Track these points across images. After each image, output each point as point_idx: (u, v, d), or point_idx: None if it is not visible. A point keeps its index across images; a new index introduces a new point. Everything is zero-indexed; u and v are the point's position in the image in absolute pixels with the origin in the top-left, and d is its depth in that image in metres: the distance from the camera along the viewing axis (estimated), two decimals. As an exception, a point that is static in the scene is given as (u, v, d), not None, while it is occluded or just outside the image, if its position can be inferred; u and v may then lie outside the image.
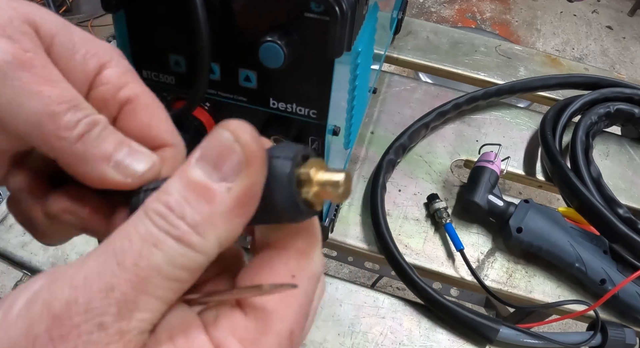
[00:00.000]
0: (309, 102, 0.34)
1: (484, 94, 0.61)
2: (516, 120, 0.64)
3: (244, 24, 0.31)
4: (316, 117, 0.35)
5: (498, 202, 0.50)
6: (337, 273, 1.37)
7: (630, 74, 2.10)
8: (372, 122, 0.62)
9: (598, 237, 0.49)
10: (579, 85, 0.64)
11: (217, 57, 0.34)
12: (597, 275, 0.47)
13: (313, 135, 0.36)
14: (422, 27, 0.75)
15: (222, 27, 0.31)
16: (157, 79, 0.37)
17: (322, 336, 0.45)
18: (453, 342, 0.46)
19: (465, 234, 0.53)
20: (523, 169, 0.60)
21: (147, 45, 0.35)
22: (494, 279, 0.50)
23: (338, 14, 0.28)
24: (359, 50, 0.36)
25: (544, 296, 0.49)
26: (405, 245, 0.51)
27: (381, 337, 0.46)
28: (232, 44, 0.32)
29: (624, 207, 0.50)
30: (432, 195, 0.53)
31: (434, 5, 2.35)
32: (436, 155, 0.59)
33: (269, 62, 0.29)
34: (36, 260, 0.49)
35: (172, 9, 0.32)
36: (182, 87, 0.37)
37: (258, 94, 0.35)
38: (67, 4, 2.00)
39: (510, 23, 2.31)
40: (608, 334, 0.44)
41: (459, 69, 0.70)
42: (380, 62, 0.62)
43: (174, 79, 0.37)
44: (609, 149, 0.63)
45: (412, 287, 0.46)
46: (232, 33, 0.32)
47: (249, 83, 0.34)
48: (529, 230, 0.48)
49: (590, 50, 2.23)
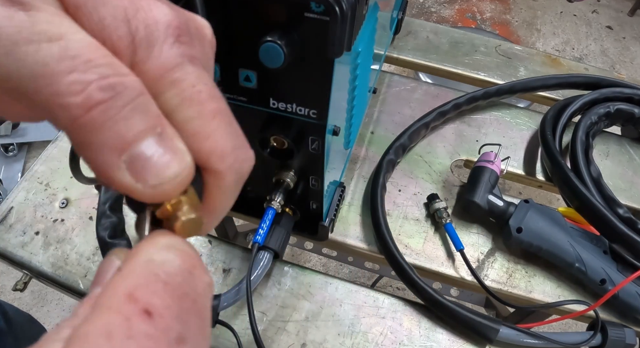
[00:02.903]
0: (309, 102, 0.34)
1: (484, 94, 0.61)
2: (516, 120, 0.64)
3: (244, 24, 0.31)
4: (316, 117, 0.35)
5: (498, 202, 0.50)
6: (337, 273, 1.37)
7: (630, 74, 2.10)
8: (372, 122, 0.62)
9: (598, 237, 0.49)
10: (579, 85, 0.64)
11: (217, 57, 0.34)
12: (597, 275, 0.47)
13: (313, 135, 0.36)
14: (422, 27, 0.75)
15: (222, 27, 0.31)
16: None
17: (322, 336, 0.45)
18: (453, 342, 0.46)
19: (465, 234, 0.53)
20: (523, 169, 0.60)
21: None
22: (494, 279, 0.50)
23: (338, 14, 0.28)
24: (359, 50, 0.36)
25: (544, 296, 0.49)
26: (405, 245, 0.51)
27: (381, 337, 0.46)
28: (232, 44, 0.32)
29: (624, 207, 0.50)
30: (432, 195, 0.53)
31: (434, 5, 2.35)
32: (436, 155, 0.59)
33: (269, 62, 0.29)
34: (36, 260, 0.49)
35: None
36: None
37: (258, 94, 0.35)
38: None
39: (510, 23, 2.31)
40: (608, 334, 0.44)
41: (459, 69, 0.70)
42: (380, 62, 0.62)
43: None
44: (609, 149, 0.63)
45: (412, 287, 0.46)
46: (232, 33, 0.32)
47: (249, 83, 0.34)
48: (529, 230, 0.48)
49: (590, 50, 2.23)
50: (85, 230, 0.51)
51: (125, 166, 0.14)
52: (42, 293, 1.30)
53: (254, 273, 0.43)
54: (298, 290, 0.48)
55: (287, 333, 0.46)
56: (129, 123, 0.14)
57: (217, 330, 0.44)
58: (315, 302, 0.47)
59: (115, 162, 0.14)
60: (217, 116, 0.16)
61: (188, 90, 0.15)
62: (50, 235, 0.51)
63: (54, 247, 0.50)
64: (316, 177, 0.41)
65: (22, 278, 0.51)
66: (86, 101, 0.13)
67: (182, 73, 0.15)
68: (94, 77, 0.13)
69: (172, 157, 0.15)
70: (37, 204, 0.53)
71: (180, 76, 0.15)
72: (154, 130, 0.14)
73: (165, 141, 0.14)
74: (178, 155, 0.15)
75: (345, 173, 0.56)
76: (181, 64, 0.15)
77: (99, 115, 0.13)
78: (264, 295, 0.47)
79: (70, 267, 0.49)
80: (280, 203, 0.42)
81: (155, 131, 0.14)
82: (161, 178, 0.14)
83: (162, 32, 0.15)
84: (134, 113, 0.14)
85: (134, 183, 0.14)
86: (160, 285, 0.13)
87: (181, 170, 0.15)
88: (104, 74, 0.13)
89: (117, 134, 0.14)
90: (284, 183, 0.41)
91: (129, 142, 0.14)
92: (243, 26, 0.31)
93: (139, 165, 0.14)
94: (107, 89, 0.13)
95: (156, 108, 0.15)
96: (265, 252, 0.44)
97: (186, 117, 0.15)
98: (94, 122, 0.13)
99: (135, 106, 0.14)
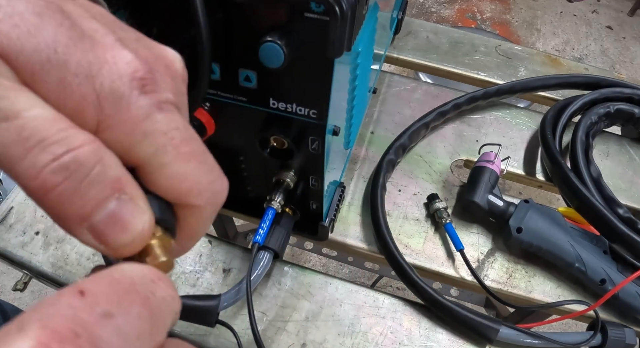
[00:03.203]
0: (309, 102, 0.34)
1: (484, 94, 0.61)
2: (516, 120, 0.64)
3: (244, 24, 0.31)
4: (316, 117, 0.35)
5: (498, 202, 0.50)
6: (337, 273, 1.37)
7: (630, 74, 2.10)
8: (372, 122, 0.62)
9: (598, 237, 0.49)
10: (579, 85, 0.64)
11: (217, 57, 0.34)
12: (597, 275, 0.47)
13: (313, 135, 0.36)
14: (422, 27, 0.75)
15: (222, 27, 0.31)
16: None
17: (322, 336, 0.45)
18: (453, 342, 0.46)
19: (465, 234, 0.53)
20: (523, 169, 0.60)
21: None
22: (494, 279, 0.50)
23: (338, 14, 0.28)
24: (359, 50, 0.36)
25: (544, 296, 0.49)
26: (405, 245, 0.51)
27: (381, 337, 0.46)
28: (232, 44, 0.32)
29: (624, 207, 0.50)
30: (432, 195, 0.53)
31: (434, 5, 2.35)
32: (436, 155, 0.59)
33: (269, 62, 0.29)
34: (36, 260, 0.49)
35: (172, 9, 0.32)
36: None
37: (258, 94, 0.35)
38: (67, 4, 2.00)
39: (510, 23, 2.31)
40: (608, 334, 0.44)
41: (459, 69, 0.70)
42: (380, 62, 0.62)
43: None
44: (609, 149, 0.63)
45: (412, 287, 0.46)
46: (232, 33, 0.32)
47: (249, 83, 0.34)
48: (529, 230, 0.48)
49: (590, 50, 2.23)
50: (85, 230, 0.51)
51: (88, 232, 0.15)
52: (42, 293, 1.30)
53: (254, 273, 0.43)
54: (298, 290, 0.48)
55: (287, 333, 0.46)
56: (85, 198, 0.14)
57: (217, 330, 0.44)
58: (315, 302, 0.47)
59: (77, 229, 0.15)
60: (191, 158, 0.17)
61: (161, 139, 0.16)
62: (50, 235, 0.51)
63: (54, 247, 0.50)
64: (316, 177, 0.41)
65: (22, 278, 0.51)
66: (42, 185, 0.14)
67: (151, 123, 0.16)
68: (47, 160, 0.14)
69: (131, 218, 0.15)
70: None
71: (150, 127, 0.16)
72: (112, 197, 0.15)
73: (123, 203, 0.15)
74: (136, 216, 0.15)
75: (345, 173, 0.56)
76: (150, 114, 0.16)
77: (56, 196, 0.14)
78: (264, 295, 0.47)
79: (70, 267, 0.49)
80: (280, 203, 0.42)
81: (113, 197, 0.15)
82: (121, 241, 0.15)
83: (128, 86, 0.16)
84: (89, 187, 0.14)
85: (98, 244, 0.15)
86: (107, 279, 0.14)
87: (140, 230, 0.16)
88: (56, 153, 0.14)
89: (76, 209, 0.14)
90: (284, 184, 0.41)
91: (87, 214, 0.15)
92: (243, 26, 0.31)
93: (99, 231, 0.15)
94: (61, 171, 0.14)
95: (114, 170, 0.15)
96: (265, 252, 0.44)
97: (162, 163, 0.16)
98: (52, 202, 0.14)
99: (91, 180, 0.14)
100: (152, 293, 0.15)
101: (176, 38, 0.34)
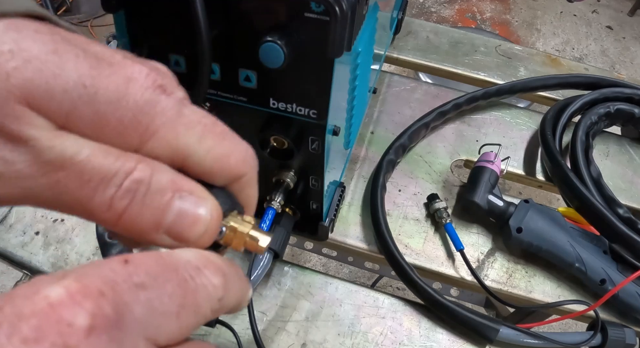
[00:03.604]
0: (309, 102, 0.34)
1: (484, 94, 0.61)
2: (516, 120, 0.64)
3: (244, 24, 0.31)
4: (316, 117, 0.35)
5: (498, 202, 0.50)
6: (337, 273, 1.37)
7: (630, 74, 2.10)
8: (372, 122, 0.62)
9: (598, 237, 0.49)
10: (579, 85, 0.64)
11: (217, 57, 0.34)
12: (597, 275, 0.47)
13: (313, 135, 0.36)
14: (422, 27, 0.75)
15: (222, 27, 0.31)
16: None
17: (322, 336, 0.45)
18: (453, 342, 0.46)
19: (465, 234, 0.53)
20: (523, 169, 0.60)
21: (147, 45, 0.35)
22: (494, 279, 0.50)
23: (338, 14, 0.28)
24: (359, 50, 0.36)
25: (544, 296, 0.49)
26: (405, 245, 0.51)
27: (381, 337, 0.46)
28: (232, 44, 0.32)
29: (624, 207, 0.50)
30: (432, 195, 0.53)
31: (434, 5, 2.35)
32: (436, 155, 0.59)
33: (269, 62, 0.29)
34: (36, 260, 0.49)
35: (172, 9, 0.32)
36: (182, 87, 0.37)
37: (258, 94, 0.35)
38: (67, 4, 2.00)
39: (510, 23, 2.31)
40: (608, 334, 0.44)
41: (459, 69, 0.70)
42: (380, 62, 0.62)
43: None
44: (609, 149, 0.63)
45: (412, 287, 0.46)
46: (232, 33, 0.32)
47: (249, 83, 0.34)
48: (529, 230, 0.48)
49: (590, 50, 2.23)
50: (85, 230, 0.51)
51: (166, 236, 0.17)
52: (42, 293, 1.30)
53: (254, 273, 0.43)
54: (298, 290, 0.48)
55: (287, 333, 0.46)
56: (152, 207, 0.16)
57: (217, 330, 0.44)
58: (315, 302, 0.47)
59: (157, 237, 0.16)
60: (225, 136, 0.19)
61: (198, 127, 0.18)
62: (50, 235, 0.51)
63: (54, 247, 0.50)
64: (316, 177, 0.41)
65: (22, 278, 0.51)
66: (114, 213, 0.16)
67: (185, 117, 0.17)
68: (112, 192, 0.15)
69: (196, 209, 0.17)
70: (37, 204, 0.53)
71: (186, 120, 0.17)
72: (174, 197, 0.16)
73: (185, 199, 0.17)
74: (201, 205, 0.17)
75: (345, 173, 0.56)
76: (180, 110, 0.17)
77: (128, 217, 0.16)
78: (264, 295, 0.47)
79: (70, 267, 0.49)
80: (280, 203, 0.42)
81: (175, 197, 0.16)
82: (196, 232, 0.17)
83: (155, 94, 0.17)
84: (153, 197, 0.16)
85: (179, 244, 0.17)
86: (155, 257, 0.15)
87: (209, 216, 0.17)
88: (118, 183, 0.15)
89: (148, 220, 0.16)
90: (284, 184, 0.41)
91: (159, 220, 0.16)
92: (243, 26, 0.31)
93: (174, 231, 0.17)
94: (126, 196, 0.16)
95: (168, 175, 0.17)
96: (265, 252, 0.44)
97: (208, 148, 0.18)
98: (127, 222, 0.16)
99: (151, 191, 0.16)
100: (191, 277, 0.15)
101: (176, 38, 0.34)
